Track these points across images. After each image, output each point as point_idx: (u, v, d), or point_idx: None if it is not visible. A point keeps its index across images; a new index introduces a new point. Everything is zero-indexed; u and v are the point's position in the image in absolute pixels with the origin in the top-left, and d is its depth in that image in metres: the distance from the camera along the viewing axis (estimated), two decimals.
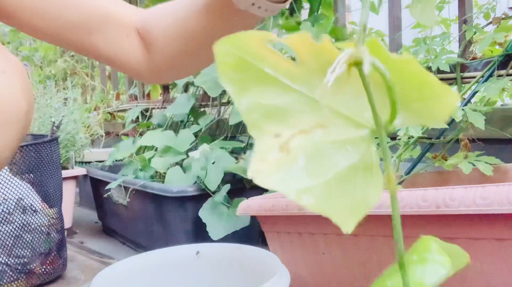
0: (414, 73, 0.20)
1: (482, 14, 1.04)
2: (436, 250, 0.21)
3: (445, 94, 0.20)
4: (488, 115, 0.77)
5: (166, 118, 1.62)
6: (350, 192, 0.21)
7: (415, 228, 0.58)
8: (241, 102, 0.22)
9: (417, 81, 0.20)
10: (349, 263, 0.66)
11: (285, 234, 0.75)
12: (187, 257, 0.75)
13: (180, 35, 0.58)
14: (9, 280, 1.00)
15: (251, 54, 0.21)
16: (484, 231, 0.53)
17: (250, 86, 0.22)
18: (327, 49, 0.21)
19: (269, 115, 0.22)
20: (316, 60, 0.21)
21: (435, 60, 0.92)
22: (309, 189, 0.21)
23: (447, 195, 0.52)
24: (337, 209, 0.21)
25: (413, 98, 0.21)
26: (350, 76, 0.20)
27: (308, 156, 0.22)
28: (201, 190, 1.10)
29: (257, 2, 0.49)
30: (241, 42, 0.21)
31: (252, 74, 0.22)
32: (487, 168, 0.74)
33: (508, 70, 0.86)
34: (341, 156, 0.22)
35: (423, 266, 0.21)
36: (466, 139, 0.82)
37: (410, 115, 0.21)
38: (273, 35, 0.21)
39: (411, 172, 0.88)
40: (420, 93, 0.21)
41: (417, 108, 0.21)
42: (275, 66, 0.22)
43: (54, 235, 1.09)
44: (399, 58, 0.20)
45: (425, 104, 0.21)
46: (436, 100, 0.21)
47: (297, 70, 0.22)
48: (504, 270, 0.52)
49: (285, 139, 0.22)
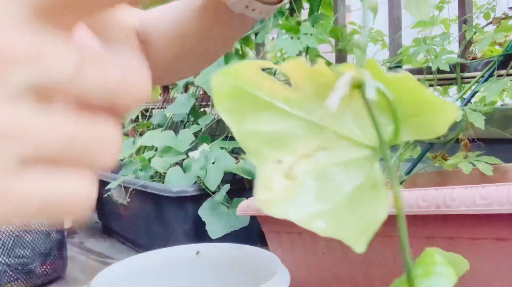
0: (411, 90, 0.21)
1: (482, 14, 1.04)
2: (441, 263, 0.22)
3: (443, 109, 0.21)
4: (488, 115, 0.77)
5: (166, 118, 1.62)
6: (359, 212, 0.22)
7: (415, 228, 0.58)
8: (239, 131, 0.22)
9: (415, 97, 0.21)
10: (350, 263, 0.66)
11: (285, 234, 0.75)
12: (187, 257, 0.75)
13: (177, 37, 0.58)
14: (9, 280, 1.00)
15: (246, 82, 0.22)
16: (484, 231, 0.53)
17: (247, 114, 0.22)
18: (322, 72, 0.21)
19: (268, 142, 0.22)
20: (312, 83, 0.22)
21: (435, 60, 0.92)
22: (319, 213, 0.21)
23: (447, 195, 0.52)
24: (349, 230, 0.21)
25: (412, 114, 0.21)
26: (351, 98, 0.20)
27: (314, 180, 0.22)
28: (201, 190, 1.10)
29: (251, 5, 0.50)
30: (237, 72, 0.22)
31: (248, 102, 0.22)
32: (487, 168, 0.74)
33: (508, 70, 0.86)
34: (347, 178, 0.22)
35: (429, 280, 0.21)
36: (466, 139, 0.82)
37: (409, 130, 0.22)
38: (269, 63, 0.22)
39: (411, 172, 0.88)
40: (418, 109, 0.21)
41: (416, 123, 0.22)
42: (271, 92, 0.22)
43: (54, 235, 1.09)
44: (396, 77, 0.20)
45: (423, 119, 0.21)
46: (434, 115, 0.21)
47: (294, 95, 0.22)
48: (504, 270, 0.52)
49: (288, 165, 0.22)
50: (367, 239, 0.21)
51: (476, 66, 0.98)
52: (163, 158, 1.30)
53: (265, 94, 0.22)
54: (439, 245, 0.60)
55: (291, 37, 1.16)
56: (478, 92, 0.87)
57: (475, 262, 0.54)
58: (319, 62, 0.21)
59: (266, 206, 0.21)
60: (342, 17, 1.37)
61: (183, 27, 0.57)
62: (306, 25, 1.20)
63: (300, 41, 1.15)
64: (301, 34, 1.17)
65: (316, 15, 1.31)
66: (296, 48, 1.14)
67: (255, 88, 0.22)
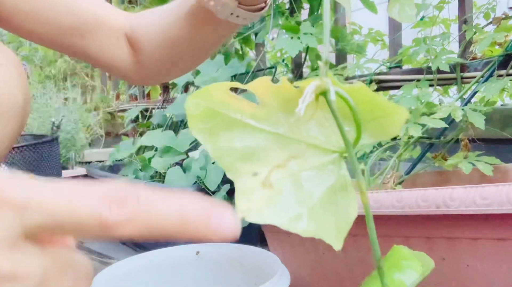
0: (366, 97, 0.23)
1: (482, 14, 1.04)
2: (409, 257, 0.24)
3: (394, 112, 0.23)
4: (488, 115, 0.77)
5: (166, 118, 1.62)
6: (333, 212, 0.24)
7: (415, 228, 0.58)
8: (214, 149, 0.24)
9: (370, 104, 0.23)
10: (349, 263, 0.66)
11: (285, 234, 0.75)
12: (187, 257, 0.75)
13: (165, 40, 0.60)
14: None
15: (217, 103, 0.24)
16: (484, 231, 0.53)
17: (220, 132, 0.24)
18: (285, 88, 0.24)
19: (242, 157, 0.24)
20: (277, 99, 0.24)
21: (435, 60, 0.92)
22: (298, 216, 0.23)
23: (447, 195, 0.52)
24: (326, 230, 0.23)
25: (368, 119, 0.24)
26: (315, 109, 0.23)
27: (290, 186, 0.23)
28: (201, 190, 1.10)
29: (235, 12, 0.52)
30: (208, 94, 0.24)
31: (220, 121, 0.24)
32: (487, 168, 0.74)
33: (508, 70, 0.86)
34: (319, 181, 0.24)
35: (399, 271, 0.24)
36: (466, 139, 0.82)
37: (367, 134, 0.24)
38: (236, 83, 0.24)
39: (411, 172, 0.88)
40: (374, 114, 0.24)
41: (373, 127, 0.24)
42: (240, 110, 0.24)
43: None
44: (352, 87, 0.22)
45: (379, 123, 0.24)
46: (387, 118, 0.24)
47: (261, 111, 0.24)
48: (504, 270, 0.52)
49: (264, 176, 0.23)
50: (343, 236, 0.23)
51: (476, 66, 0.98)
52: (163, 158, 1.30)
53: (235, 113, 0.24)
54: (439, 245, 0.60)
55: (291, 37, 1.16)
56: (478, 92, 0.87)
57: (475, 262, 0.54)
58: (282, 80, 0.23)
59: (248, 214, 0.23)
60: (342, 17, 1.37)
61: (171, 31, 0.59)
62: (306, 25, 1.20)
63: (300, 41, 1.15)
64: (301, 34, 1.17)
65: (316, 15, 1.31)
66: (296, 48, 1.14)
67: (225, 108, 0.24)
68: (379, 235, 0.66)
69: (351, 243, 0.65)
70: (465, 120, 0.77)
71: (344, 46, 1.31)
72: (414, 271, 0.23)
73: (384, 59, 1.19)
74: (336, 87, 0.22)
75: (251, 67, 1.44)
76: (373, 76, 1.14)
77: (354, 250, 0.65)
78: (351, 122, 0.23)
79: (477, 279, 0.54)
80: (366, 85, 0.23)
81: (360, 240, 0.64)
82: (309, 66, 1.42)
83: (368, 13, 1.22)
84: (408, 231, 0.59)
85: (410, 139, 0.82)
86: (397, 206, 0.55)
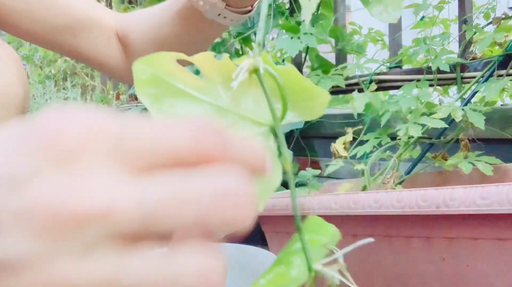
0: (296, 80, 0.26)
1: (482, 14, 1.04)
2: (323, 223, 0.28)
3: (319, 96, 0.26)
4: (488, 115, 0.77)
5: None
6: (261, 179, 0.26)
7: (415, 228, 0.58)
8: (157, 113, 0.25)
9: (299, 86, 0.26)
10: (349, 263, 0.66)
11: (285, 234, 0.75)
12: None
13: (155, 40, 0.62)
14: None
15: (163, 71, 0.25)
16: (484, 231, 0.53)
17: (164, 99, 0.26)
18: (227, 65, 0.26)
19: None
20: (218, 74, 0.26)
21: (435, 60, 0.92)
22: None
23: (447, 195, 0.52)
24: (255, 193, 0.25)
25: (298, 100, 0.26)
26: (250, 84, 0.25)
27: None
28: None
29: (223, 13, 0.54)
30: (155, 62, 0.25)
31: (165, 88, 0.26)
32: (487, 168, 0.74)
33: (508, 70, 0.86)
34: None
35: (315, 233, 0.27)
36: (466, 139, 0.82)
37: (296, 113, 0.27)
38: (182, 55, 0.26)
39: (411, 172, 0.88)
40: (302, 96, 0.26)
41: (301, 107, 0.27)
42: (184, 81, 0.26)
43: None
44: (282, 68, 0.25)
45: (306, 104, 0.27)
46: (314, 101, 0.26)
47: (203, 84, 0.26)
48: (504, 270, 0.52)
49: None
50: (264, 202, 0.25)
51: (476, 66, 0.98)
52: None
53: (179, 82, 0.26)
54: (439, 245, 0.60)
55: (291, 37, 1.16)
56: (478, 92, 0.87)
57: (475, 262, 0.54)
58: (224, 57, 0.26)
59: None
60: (342, 17, 1.37)
61: (161, 31, 0.61)
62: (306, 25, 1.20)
63: (300, 41, 1.15)
64: (301, 34, 1.17)
65: (316, 15, 1.31)
66: (296, 48, 1.14)
67: (171, 77, 0.26)
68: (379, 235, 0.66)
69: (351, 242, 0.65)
70: (465, 120, 0.77)
71: (344, 46, 1.31)
72: (326, 234, 0.28)
73: (384, 59, 1.19)
74: (266, 65, 0.24)
75: None
76: (373, 76, 1.14)
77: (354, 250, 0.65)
78: (281, 100, 0.26)
79: (477, 279, 0.54)
80: (296, 69, 0.25)
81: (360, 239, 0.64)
82: (309, 66, 1.42)
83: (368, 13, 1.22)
84: (408, 231, 0.59)
85: (410, 139, 0.82)
86: (397, 206, 0.55)
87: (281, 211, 0.71)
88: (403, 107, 0.81)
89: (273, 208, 0.72)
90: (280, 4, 1.37)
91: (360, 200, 0.59)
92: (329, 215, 0.64)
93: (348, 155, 0.86)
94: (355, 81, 1.20)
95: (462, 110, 0.75)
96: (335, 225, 0.25)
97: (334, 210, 0.62)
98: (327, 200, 0.63)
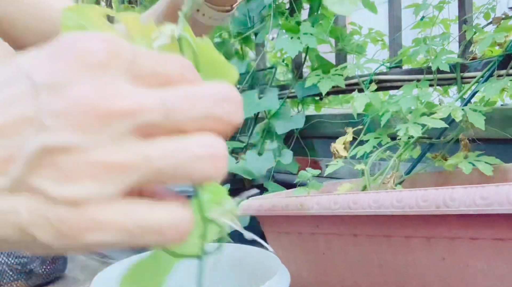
0: (211, 54, 0.28)
1: (482, 14, 1.04)
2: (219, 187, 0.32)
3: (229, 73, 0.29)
4: (488, 115, 0.77)
5: None
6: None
7: (415, 228, 0.58)
8: None
9: (213, 60, 0.28)
10: (349, 263, 0.66)
11: (285, 234, 0.75)
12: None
13: None
14: (9, 280, 1.00)
15: (89, 23, 0.27)
16: (484, 231, 0.53)
17: None
18: (151, 29, 0.27)
19: None
20: (143, 37, 0.27)
21: (435, 60, 0.92)
22: None
23: (447, 195, 0.52)
24: None
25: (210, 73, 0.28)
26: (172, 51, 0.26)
27: None
28: None
29: (201, 9, 0.55)
30: (83, 12, 0.26)
31: None
32: (487, 168, 0.74)
33: (508, 70, 0.86)
34: None
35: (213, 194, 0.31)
36: (466, 140, 0.82)
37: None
38: (110, 10, 0.27)
39: (411, 172, 0.88)
40: (214, 70, 0.29)
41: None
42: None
43: None
44: (200, 40, 0.28)
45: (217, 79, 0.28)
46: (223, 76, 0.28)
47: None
48: (504, 270, 0.52)
49: None
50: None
51: (476, 66, 0.98)
52: None
53: None
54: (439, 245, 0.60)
55: (291, 37, 1.16)
56: (478, 92, 0.87)
57: (475, 262, 0.54)
58: (149, 21, 0.28)
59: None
60: (342, 17, 1.37)
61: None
62: (306, 25, 1.19)
63: (300, 41, 1.15)
64: (301, 34, 1.17)
65: (316, 15, 1.31)
66: (296, 48, 1.14)
67: (96, 29, 0.26)
68: (379, 235, 0.66)
69: (351, 242, 0.65)
70: (465, 120, 0.77)
71: (344, 46, 1.31)
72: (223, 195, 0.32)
73: (384, 59, 1.19)
74: (186, 33, 0.27)
75: (251, 67, 1.44)
76: (373, 76, 1.13)
77: (355, 250, 0.65)
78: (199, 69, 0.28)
79: (477, 279, 0.54)
80: (212, 44, 0.28)
81: (360, 239, 0.64)
82: (309, 66, 1.42)
83: (368, 13, 1.22)
84: (408, 231, 0.59)
85: (410, 139, 0.82)
86: (397, 206, 0.55)
87: (281, 211, 0.71)
88: (403, 107, 0.81)
89: (273, 208, 0.72)
90: (280, 4, 1.37)
91: (360, 200, 0.59)
92: (329, 215, 0.64)
93: (348, 155, 0.86)
94: (355, 81, 1.20)
95: (462, 110, 0.75)
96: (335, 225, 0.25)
97: (334, 210, 0.62)
98: (327, 200, 0.63)
